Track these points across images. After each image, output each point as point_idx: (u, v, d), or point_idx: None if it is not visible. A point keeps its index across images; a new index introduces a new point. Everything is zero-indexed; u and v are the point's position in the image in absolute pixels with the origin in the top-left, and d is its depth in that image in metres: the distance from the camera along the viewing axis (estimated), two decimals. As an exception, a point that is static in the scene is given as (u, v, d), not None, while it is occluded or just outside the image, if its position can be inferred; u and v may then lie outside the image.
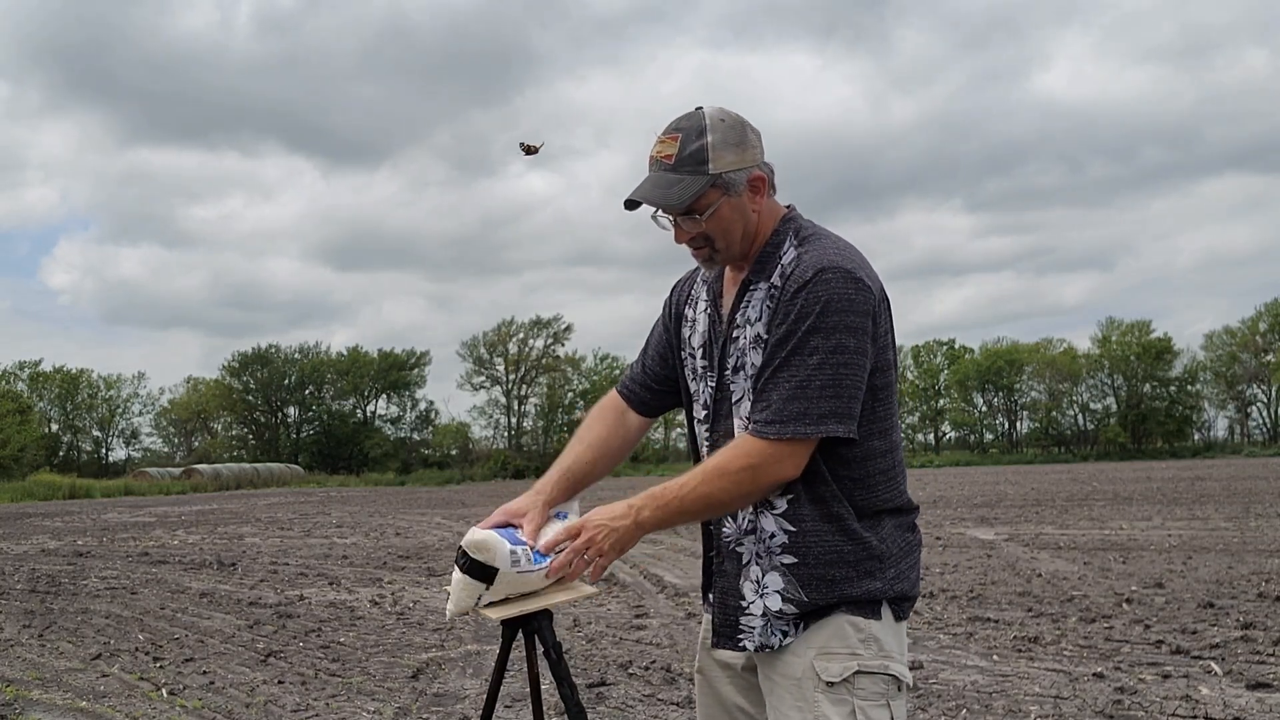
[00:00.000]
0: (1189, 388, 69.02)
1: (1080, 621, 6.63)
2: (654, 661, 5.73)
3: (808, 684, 1.89)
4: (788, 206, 2.04)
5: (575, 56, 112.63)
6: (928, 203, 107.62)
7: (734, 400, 1.98)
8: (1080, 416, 71.37)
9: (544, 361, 71.51)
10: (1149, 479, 29.03)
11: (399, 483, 56.01)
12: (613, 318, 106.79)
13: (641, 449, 70.33)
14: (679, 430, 74.65)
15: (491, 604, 2.13)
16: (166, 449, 77.70)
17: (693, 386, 2.13)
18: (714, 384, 2.04)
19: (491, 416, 72.17)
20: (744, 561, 1.98)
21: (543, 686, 2.68)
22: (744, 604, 1.98)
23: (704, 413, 2.08)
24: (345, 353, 75.19)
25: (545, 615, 2.24)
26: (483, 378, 71.13)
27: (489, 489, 42.04)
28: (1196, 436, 70.25)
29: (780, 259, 1.94)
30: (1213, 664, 5.29)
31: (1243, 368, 66.91)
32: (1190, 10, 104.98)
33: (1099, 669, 5.24)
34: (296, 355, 74.29)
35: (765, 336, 1.92)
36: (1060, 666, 5.37)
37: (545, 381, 71.89)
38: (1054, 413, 70.04)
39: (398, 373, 74.31)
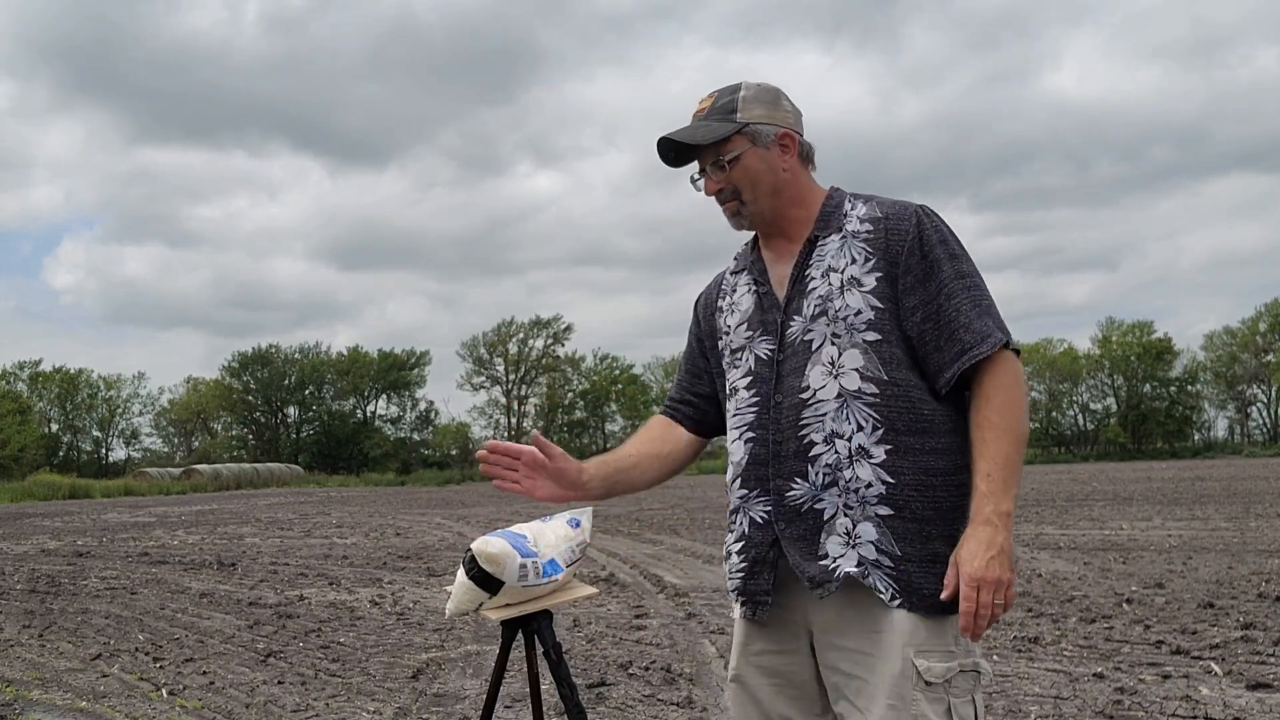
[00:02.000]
0: (1189, 388, 69.05)
1: (1080, 622, 6.63)
2: (654, 661, 5.73)
3: (905, 682, 1.81)
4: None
5: (583, 55, 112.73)
6: (934, 202, 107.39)
7: (814, 348, 1.92)
8: (1080, 416, 71.42)
9: (544, 361, 71.55)
10: (1149, 479, 29.02)
11: (399, 483, 56.01)
12: (617, 318, 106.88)
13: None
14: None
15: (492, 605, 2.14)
16: (166, 449, 77.77)
17: (728, 368, 2.09)
18: (773, 344, 1.98)
19: (491, 416, 72.23)
20: (827, 517, 1.88)
21: (542, 687, 2.68)
22: (826, 559, 1.87)
23: (746, 380, 2.01)
24: (345, 353, 75.26)
25: (545, 616, 2.24)
26: (483, 378, 71.22)
27: (489, 489, 42.01)
28: (1196, 437, 70.28)
29: (848, 212, 1.98)
30: (1213, 664, 5.29)
31: (1243, 368, 66.92)
32: (1201, 8, 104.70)
33: (1099, 669, 5.24)
34: (296, 355, 74.36)
35: (864, 278, 1.91)
36: (1060, 667, 5.37)
37: (545, 382, 71.92)
38: (1054, 413, 70.06)
39: (398, 373, 74.35)
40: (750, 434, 1.99)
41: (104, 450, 74.42)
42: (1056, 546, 11.28)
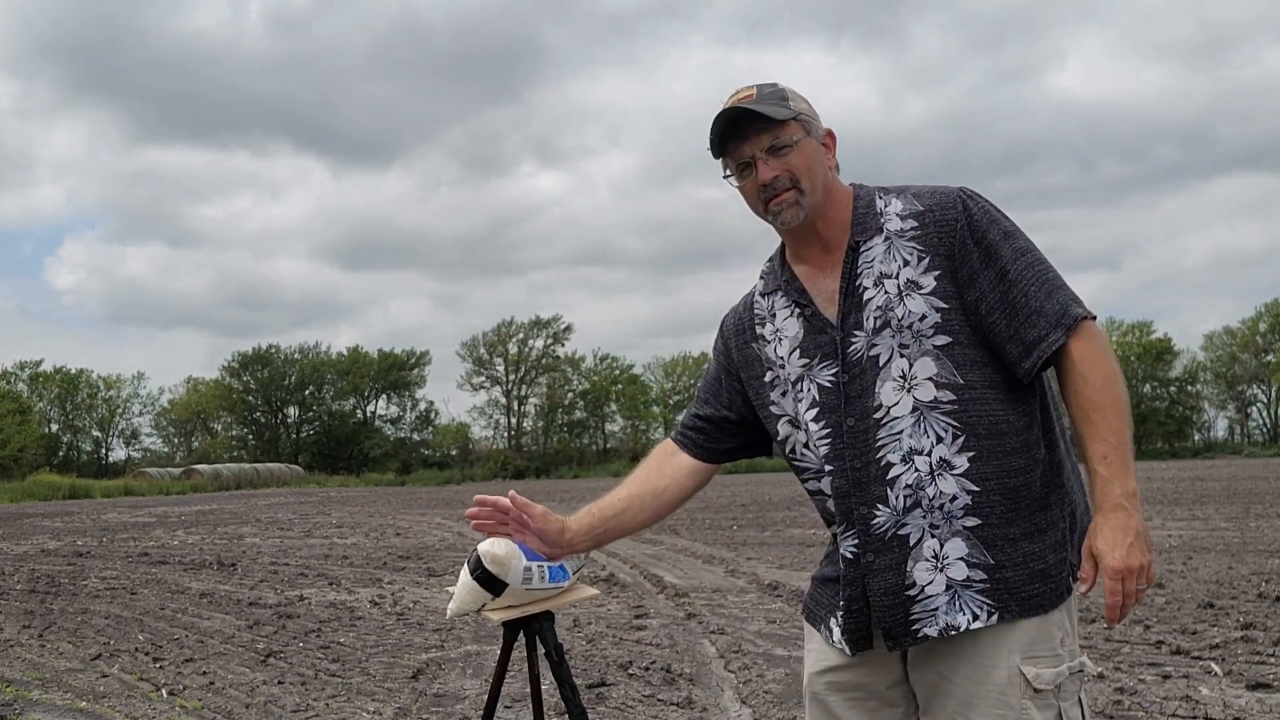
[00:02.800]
0: (1189, 388, 69.04)
1: (1080, 622, 6.62)
2: (654, 662, 5.73)
3: (1013, 691, 1.74)
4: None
5: (588, 54, 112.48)
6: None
7: (882, 364, 1.81)
8: (1080, 417, 71.37)
9: (544, 362, 71.52)
10: (1149, 479, 29.02)
11: (399, 483, 56.01)
12: (620, 318, 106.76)
13: (642, 449, 70.23)
14: (679, 430, 74.55)
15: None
16: (166, 449, 77.74)
17: (783, 401, 1.96)
18: (836, 368, 1.86)
19: (491, 417, 72.21)
20: (913, 542, 1.79)
21: (543, 687, 2.68)
22: (916, 591, 1.78)
23: (813, 411, 1.89)
24: (345, 353, 75.25)
25: (546, 616, 2.24)
26: (482, 378, 71.17)
27: (489, 489, 41.92)
28: (1197, 437, 70.23)
29: (883, 210, 1.88)
30: (1213, 664, 5.29)
31: (1243, 368, 66.91)
32: (1208, 7, 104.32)
33: (1099, 669, 5.24)
34: (296, 355, 74.35)
35: (922, 280, 1.81)
36: (1060, 667, 5.37)
37: (545, 382, 71.90)
38: (1054, 413, 70.04)
39: (398, 373, 74.33)
40: (829, 466, 1.88)
41: (104, 450, 74.41)
42: (1056, 546, 11.28)
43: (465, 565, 2.14)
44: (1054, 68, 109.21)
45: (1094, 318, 1.82)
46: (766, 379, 1.98)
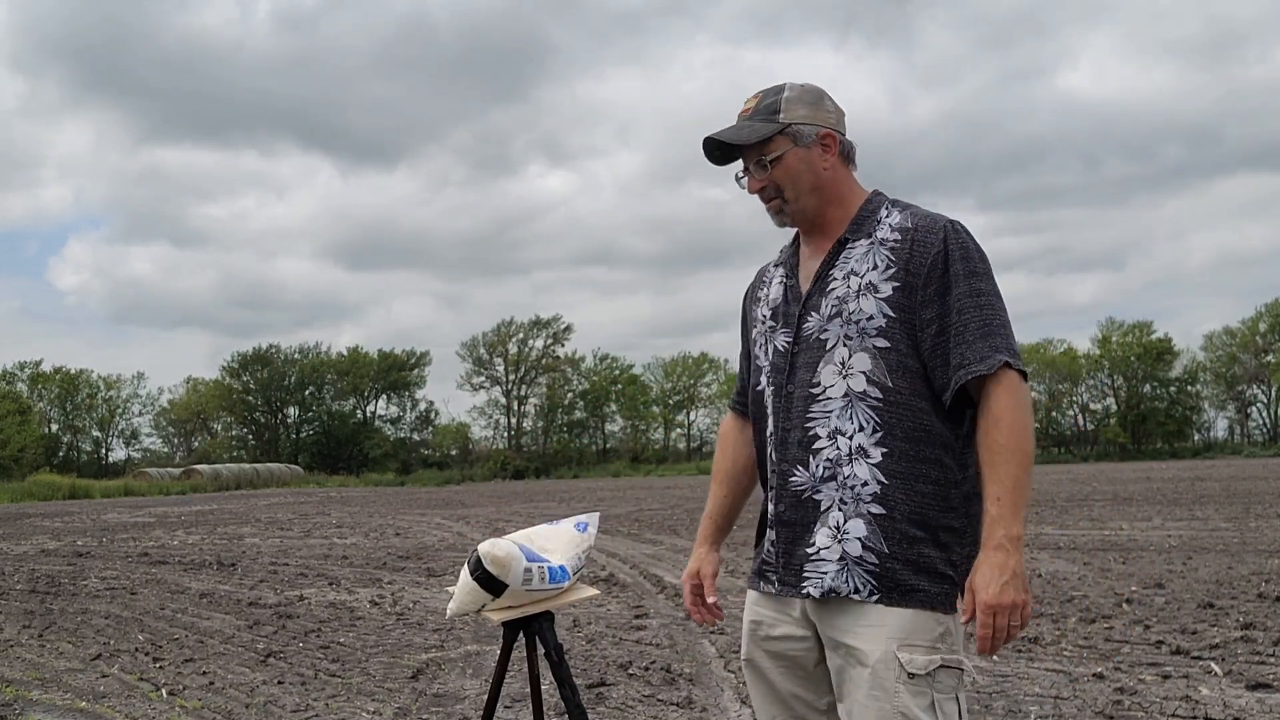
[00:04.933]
0: (1189, 388, 69.04)
1: (1080, 622, 6.63)
2: (654, 662, 5.73)
3: (887, 673, 1.88)
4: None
5: (595, 54, 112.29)
6: (941, 202, 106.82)
7: (828, 347, 2.00)
8: (1080, 417, 71.41)
9: (544, 362, 71.52)
10: (1149, 479, 29.03)
11: (399, 483, 56.02)
12: (623, 318, 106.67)
13: (642, 449, 70.32)
14: (679, 430, 74.63)
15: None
16: (166, 449, 77.74)
17: (757, 352, 2.18)
18: (789, 338, 2.07)
19: (491, 417, 72.26)
20: (823, 509, 1.97)
21: (543, 687, 2.68)
22: (813, 550, 1.97)
23: (765, 367, 2.12)
24: (345, 353, 75.23)
25: (546, 617, 2.24)
26: (482, 378, 71.20)
27: (489, 489, 42.03)
28: (1196, 437, 70.26)
29: (882, 219, 2.03)
30: (1213, 664, 5.29)
31: (1242, 368, 66.91)
32: (1218, 5, 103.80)
33: (1099, 669, 5.24)
34: (296, 355, 74.35)
35: (881, 286, 1.97)
36: (1060, 667, 5.37)
37: (545, 382, 71.90)
38: (1054, 413, 70.05)
39: (398, 373, 74.36)
40: (763, 422, 2.10)
41: (104, 450, 74.41)
42: (1056, 546, 11.28)
43: (465, 566, 2.15)
44: (1065, 67, 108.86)
45: (1023, 372, 1.93)
46: (753, 334, 2.22)
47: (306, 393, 74.13)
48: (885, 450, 1.93)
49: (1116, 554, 10.41)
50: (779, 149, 2.02)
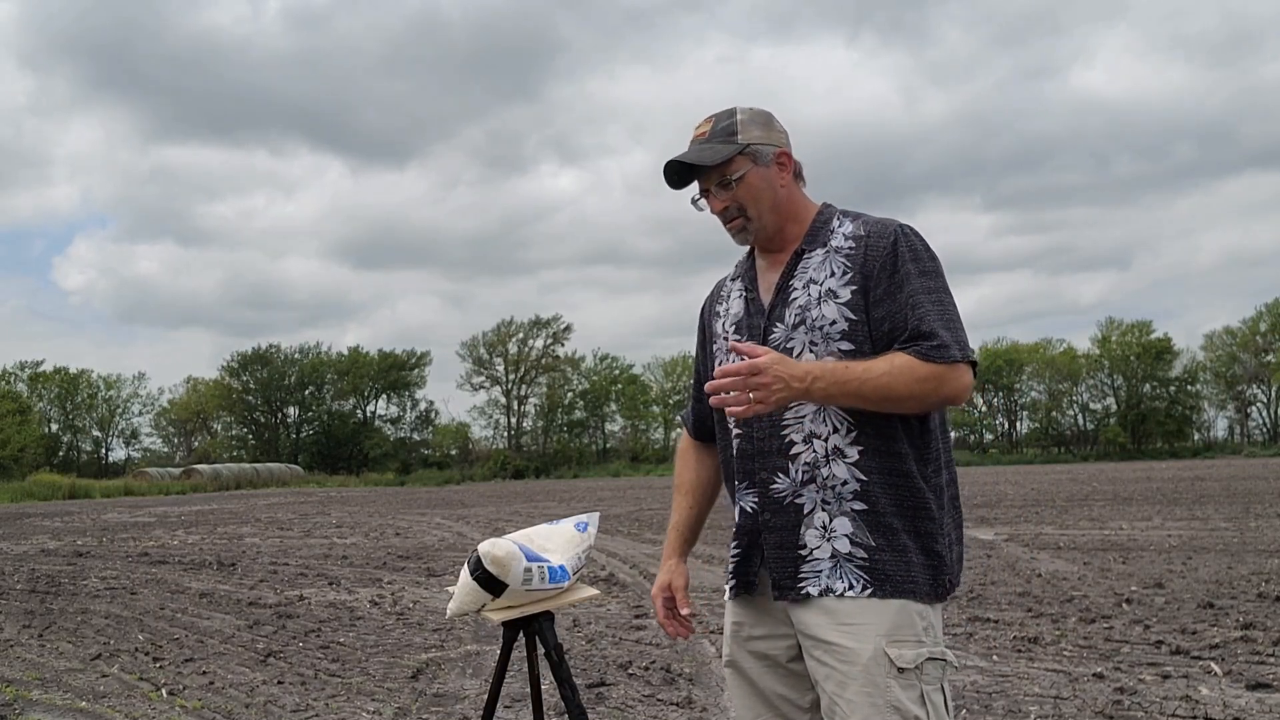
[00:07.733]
0: (1189, 388, 69.02)
1: (1080, 622, 6.63)
2: (654, 661, 5.74)
3: (878, 669, 1.93)
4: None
5: (607, 52, 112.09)
6: (950, 201, 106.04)
7: (795, 355, 2.04)
8: (1080, 416, 71.40)
9: (544, 361, 71.52)
10: (1149, 479, 29.04)
11: (399, 483, 56.03)
12: (629, 317, 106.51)
13: (642, 449, 70.32)
14: (678, 431, 74.57)
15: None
16: (166, 449, 77.74)
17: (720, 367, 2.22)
18: None
19: (491, 417, 72.26)
20: (806, 511, 2.02)
21: (543, 687, 2.68)
22: (805, 552, 2.02)
23: None
24: (345, 353, 75.23)
25: (546, 616, 2.24)
26: (482, 378, 71.19)
27: (489, 489, 42.04)
28: (1196, 437, 70.23)
29: (835, 228, 2.11)
30: (1213, 664, 5.29)
31: (1242, 368, 66.90)
32: (1233, 1, 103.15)
33: (1099, 669, 5.24)
34: (296, 355, 74.35)
35: (840, 291, 2.03)
36: (1060, 667, 5.38)
37: (545, 381, 71.90)
38: (1054, 413, 70.06)
39: (398, 373, 74.34)
40: (738, 431, 2.13)
41: (104, 450, 74.42)
42: (1056, 546, 11.29)
43: (465, 566, 2.15)
44: (1081, 65, 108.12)
45: (970, 362, 1.98)
46: (714, 349, 2.26)
47: (306, 392, 74.12)
48: (861, 449, 2.00)
49: (1116, 554, 10.41)
50: (740, 169, 2.09)
